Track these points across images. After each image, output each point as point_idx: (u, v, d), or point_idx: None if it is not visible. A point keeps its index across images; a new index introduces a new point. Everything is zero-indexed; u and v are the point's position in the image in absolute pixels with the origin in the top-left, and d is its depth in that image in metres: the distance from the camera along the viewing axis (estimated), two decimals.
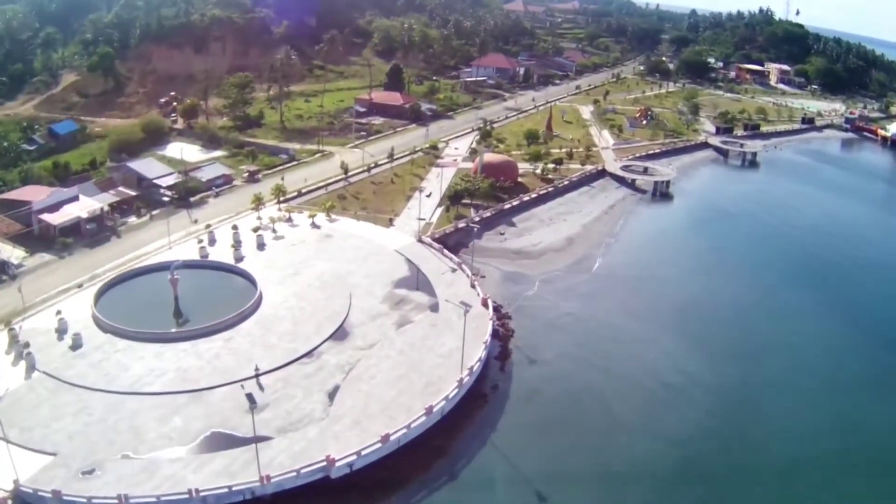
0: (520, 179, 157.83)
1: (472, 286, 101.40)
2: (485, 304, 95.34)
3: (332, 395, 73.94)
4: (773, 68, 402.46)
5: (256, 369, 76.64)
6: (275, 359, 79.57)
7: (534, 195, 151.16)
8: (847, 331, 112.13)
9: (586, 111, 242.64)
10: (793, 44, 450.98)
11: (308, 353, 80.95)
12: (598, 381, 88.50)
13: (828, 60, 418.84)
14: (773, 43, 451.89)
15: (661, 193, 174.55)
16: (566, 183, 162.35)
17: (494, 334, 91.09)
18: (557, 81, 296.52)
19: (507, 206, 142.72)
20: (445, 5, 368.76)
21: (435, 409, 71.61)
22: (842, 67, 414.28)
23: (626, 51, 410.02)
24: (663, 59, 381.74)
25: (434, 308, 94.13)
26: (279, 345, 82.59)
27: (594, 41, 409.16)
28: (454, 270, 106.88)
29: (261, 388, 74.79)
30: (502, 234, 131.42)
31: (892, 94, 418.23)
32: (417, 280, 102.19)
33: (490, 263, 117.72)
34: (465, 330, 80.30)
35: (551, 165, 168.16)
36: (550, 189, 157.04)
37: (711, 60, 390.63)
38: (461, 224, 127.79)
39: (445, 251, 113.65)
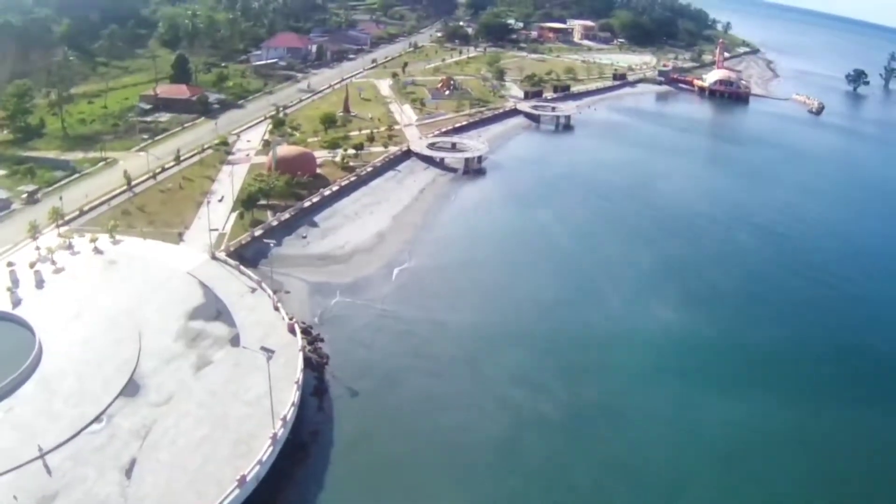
0: (319, 171, 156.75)
1: (276, 308, 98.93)
2: (292, 331, 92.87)
3: (129, 472, 68.71)
4: (577, 25, 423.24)
5: (40, 449, 70.51)
6: (61, 430, 73.58)
7: (335, 188, 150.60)
8: (681, 304, 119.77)
9: (385, 86, 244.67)
10: None
11: (97, 419, 75.48)
12: (429, 401, 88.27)
13: (633, 13, 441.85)
14: None
15: (474, 170, 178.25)
16: (369, 170, 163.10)
17: (307, 363, 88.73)
18: (352, 56, 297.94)
19: (308, 203, 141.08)
20: None
21: (249, 478, 67.92)
22: (648, 19, 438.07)
23: (422, 18, 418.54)
24: (461, 24, 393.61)
25: (235, 341, 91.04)
26: (65, 411, 76.56)
27: (388, 11, 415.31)
28: (254, 290, 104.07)
29: (48, 471, 68.79)
30: (304, 237, 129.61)
31: (702, 42, 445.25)
32: (215, 307, 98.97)
33: (294, 274, 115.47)
34: (272, 379, 77.81)
35: (352, 151, 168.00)
36: (353, 178, 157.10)
37: (511, 21, 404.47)
38: (258, 232, 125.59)
39: (242, 268, 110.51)
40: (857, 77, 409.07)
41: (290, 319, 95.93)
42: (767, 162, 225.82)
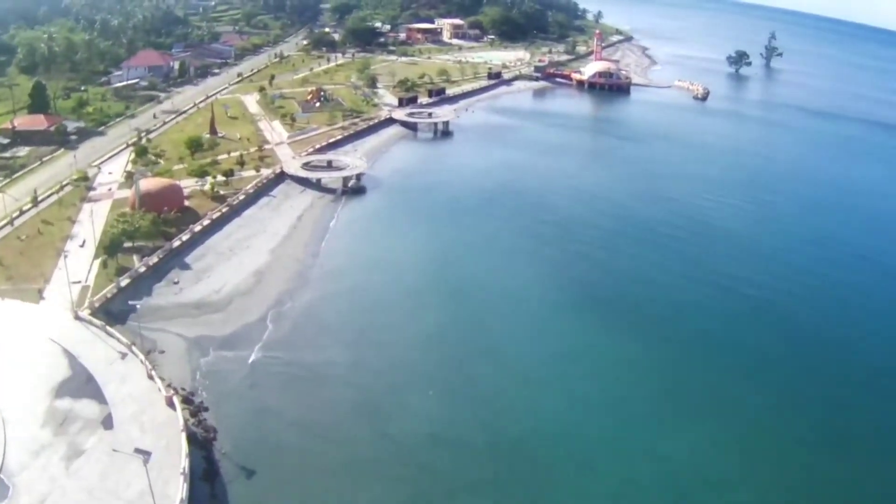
0: (187, 203, 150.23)
1: (150, 377, 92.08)
2: (171, 404, 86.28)
3: None
4: (446, 24, 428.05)
5: None
6: None
7: (206, 222, 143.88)
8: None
9: (252, 101, 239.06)
10: None
11: None
12: (334, 474, 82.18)
13: (503, 8, 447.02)
14: None
15: (353, 189, 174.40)
16: (242, 198, 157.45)
17: (192, 440, 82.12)
18: (216, 71, 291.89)
19: (177, 242, 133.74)
20: (92, 5, 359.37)
21: None
22: (518, 13, 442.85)
23: (287, 26, 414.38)
24: (327, 30, 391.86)
25: (108, 423, 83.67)
26: None
27: (252, 20, 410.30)
28: (124, 355, 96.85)
29: None
30: (176, 282, 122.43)
31: (574, 33, 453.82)
32: (83, 380, 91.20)
33: (168, 329, 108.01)
34: (155, 468, 72.19)
35: (221, 178, 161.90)
36: (225, 209, 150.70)
37: (379, 24, 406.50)
38: (124, 281, 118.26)
39: (108, 328, 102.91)
40: (739, 58, 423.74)
41: (168, 389, 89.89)
42: (660, 158, 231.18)
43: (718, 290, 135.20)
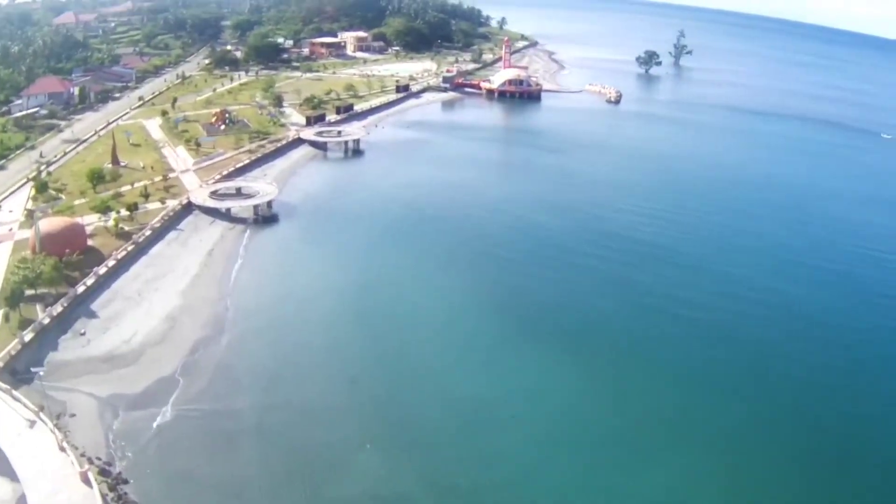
0: (91, 243, 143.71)
1: (62, 448, 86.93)
2: (85, 480, 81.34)
3: None
4: (350, 37, 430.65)
5: None
6: None
7: (112, 263, 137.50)
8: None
9: (155, 126, 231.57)
10: (366, 8, 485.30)
11: None
12: None
13: (406, 19, 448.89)
14: (345, 11, 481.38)
15: (265, 217, 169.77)
16: (148, 233, 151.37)
17: None
18: (118, 95, 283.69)
19: (82, 288, 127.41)
20: None
21: None
22: (422, 23, 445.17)
23: (188, 45, 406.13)
24: (229, 48, 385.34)
25: None
26: None
27: (152, 41, 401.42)
28: (33, 423, 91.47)
29: None
30: (83, 333, 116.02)
31: (479, 41, 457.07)
32: None
33: (78, 387, 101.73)
34: None
35: (125, 213, 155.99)
36: (130, 248, 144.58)
37: (281, 40, 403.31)
38: (28, 335, 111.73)
39: (14, 392, 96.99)
40: (649, 59, 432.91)
41: (83, 461, 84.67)
42: (578, 167, 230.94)
43: (658, 312, 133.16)
